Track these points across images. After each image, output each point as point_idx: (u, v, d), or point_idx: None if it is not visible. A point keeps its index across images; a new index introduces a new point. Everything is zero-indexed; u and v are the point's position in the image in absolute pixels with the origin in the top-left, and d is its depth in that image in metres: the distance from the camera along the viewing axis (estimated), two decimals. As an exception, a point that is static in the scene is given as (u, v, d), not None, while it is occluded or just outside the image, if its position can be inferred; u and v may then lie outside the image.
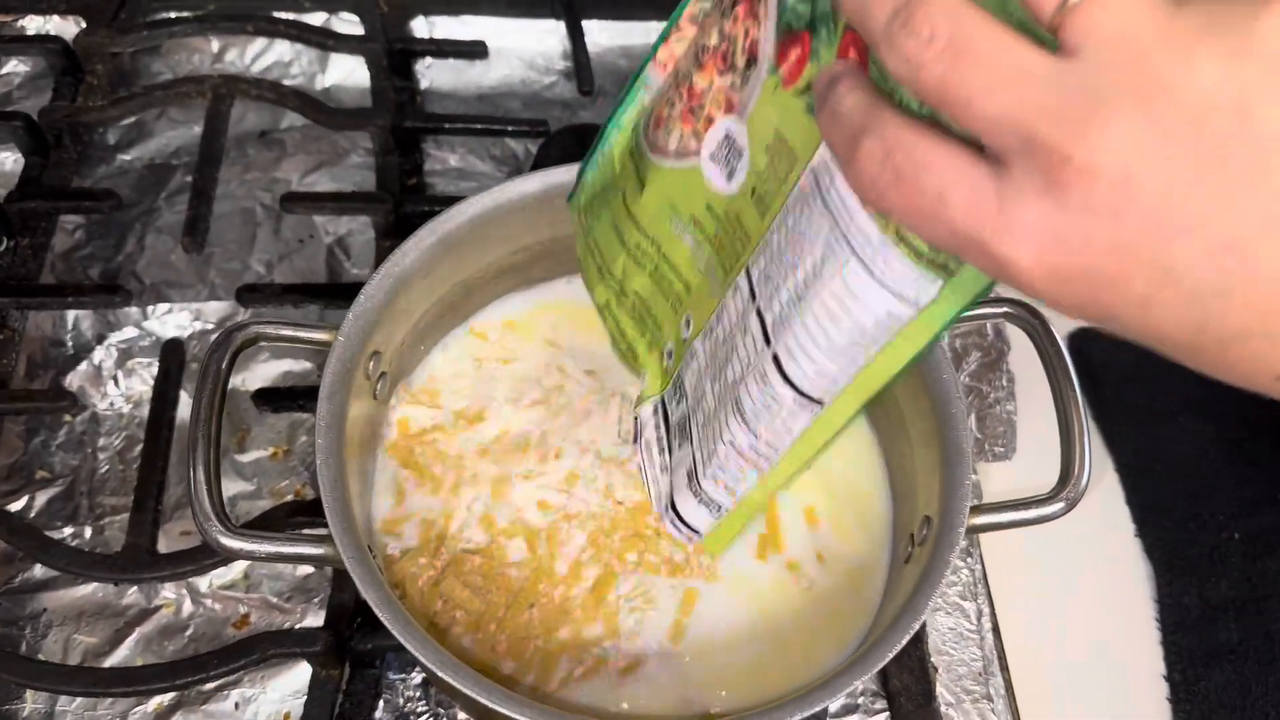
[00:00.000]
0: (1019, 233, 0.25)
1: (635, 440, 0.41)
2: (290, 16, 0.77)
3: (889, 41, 0.26)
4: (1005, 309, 0.52)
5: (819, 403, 0.35)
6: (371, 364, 0.51)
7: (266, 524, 0.56)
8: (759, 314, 0.35)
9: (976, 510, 0.47)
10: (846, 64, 0.29)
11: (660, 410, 0.40)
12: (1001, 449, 0.65)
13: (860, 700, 0.57)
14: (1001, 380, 0.68)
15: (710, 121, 0.37)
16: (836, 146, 0.29)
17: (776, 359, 0.34)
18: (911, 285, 0.30)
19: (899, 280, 0.30)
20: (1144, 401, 0.68)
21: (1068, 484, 0.48)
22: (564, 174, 0.55)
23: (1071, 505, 0.48)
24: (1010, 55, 0.25)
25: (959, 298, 0.30)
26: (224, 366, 0.45)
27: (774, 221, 0.34)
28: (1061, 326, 0.71)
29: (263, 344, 0.66)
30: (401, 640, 0.41)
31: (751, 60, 0.35)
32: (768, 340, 0.34)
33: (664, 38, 0.40)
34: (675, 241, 0.39)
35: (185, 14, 0.76)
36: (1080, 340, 0.69)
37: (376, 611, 0.41)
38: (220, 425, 0.45)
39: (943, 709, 0.56)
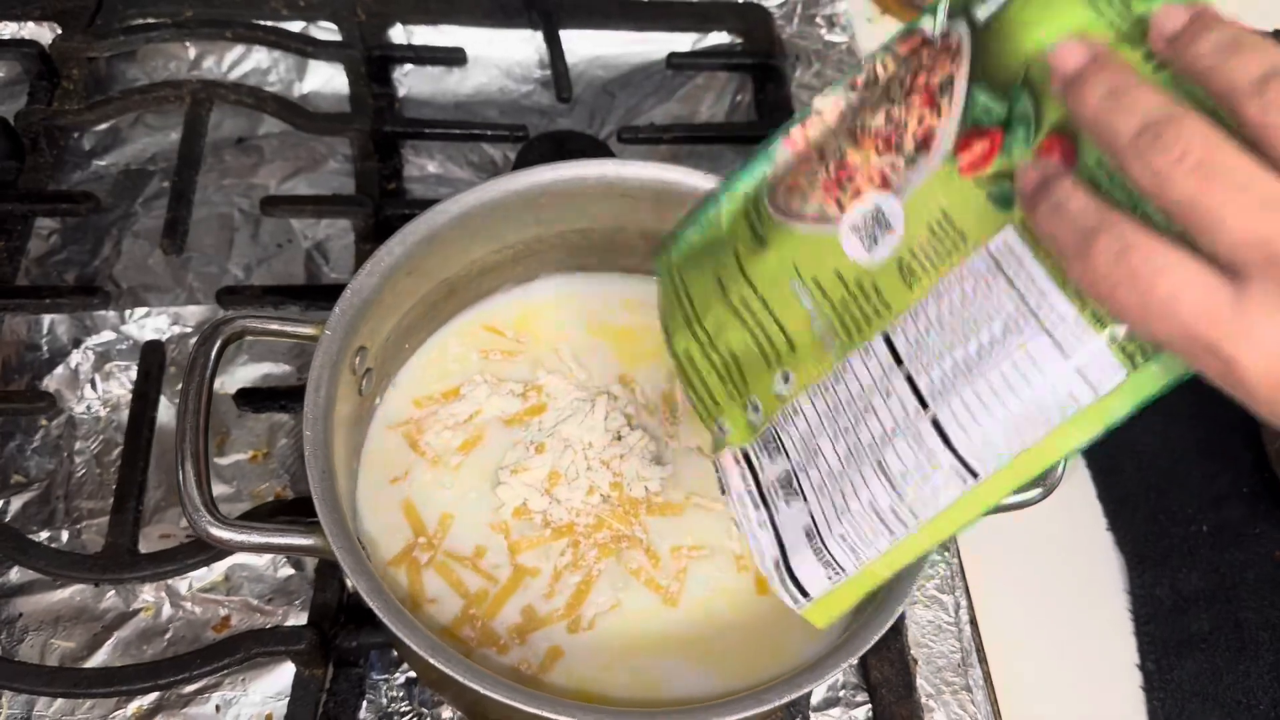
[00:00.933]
0: (1252, 341, 0.28)
1: (722, 491, 0.42)
2: (268, 24, 0.77)
3: (1136, 153, 0.29)
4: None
5: (974, 474, 0.36)
6: (358, 359, 0.51)
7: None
8: (909, 379, 0.36)
9: (957, 498, 0.48)
10: (1057, 165, 0.32)
11: (745, 462, 0.41)
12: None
13: (842, 693, 0.57)
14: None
15: (858, 194, 0.39)
16: (1063, 240, 0.31)
17: (937, 422, 0.36)
18: (1098, 369, 0.32)
19: (1088, 361, 0.32)
20: (1113, 400, 0.69)
21: (1045, 471, 0.48)
22: (549, 173, 0.56)
23: (1048, 492, 0.49)
24: (1258, 183, 0.28)
25: (1135, 394, 0.32)
26: (212, 359, 0.45)
27: (929, 293, 0.36)
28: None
29: (243, 345, 0.66)
30: (393, 629, 0.41)
31: (923, 146, 0.37)
32: (923, 404, 0.36)
33: (801, 119, 0.42)
34: (790, 301, 0.41)
35: (164, 20, 0.76)
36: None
37: (368, 600, 0.42)
38: (208, 418, 0.45)
39: (923, 700, 0.57)
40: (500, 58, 0.83)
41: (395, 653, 0.56)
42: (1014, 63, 0.34)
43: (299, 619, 0.57)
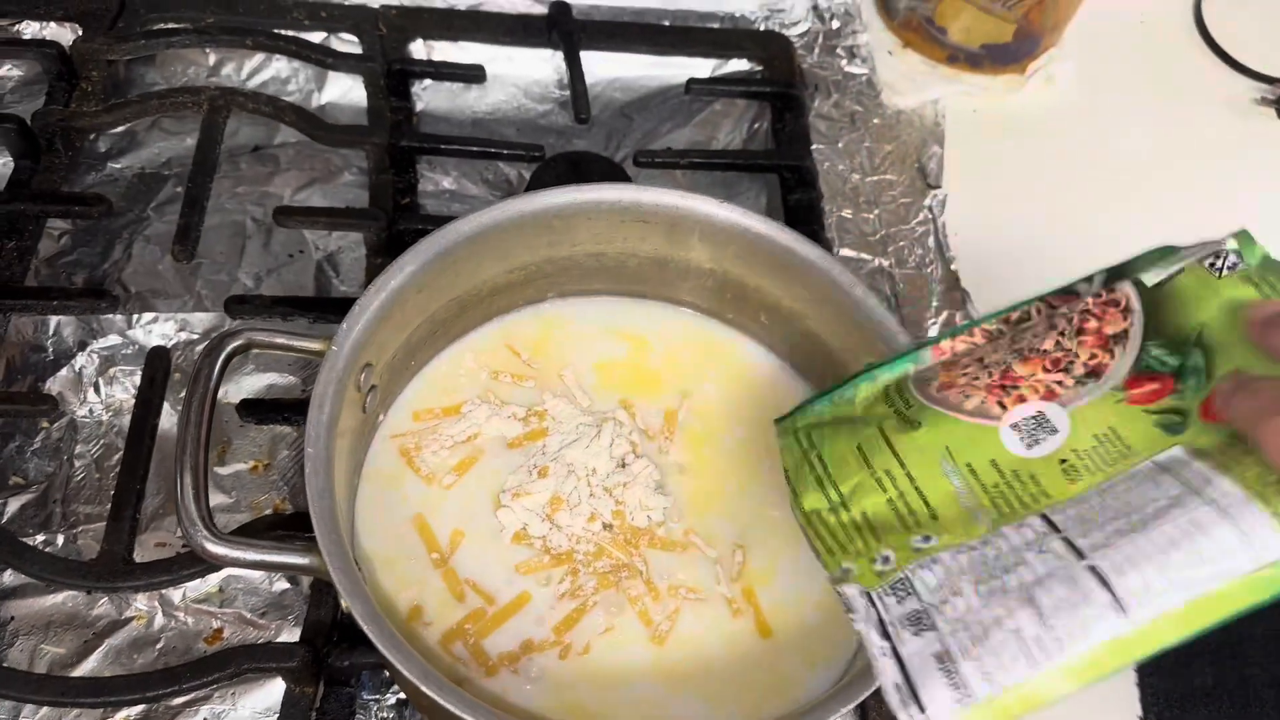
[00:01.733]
0: None
1: (848, 611, 0.45)
2: (289, 34, 0.77)
3: None
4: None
5: (1127, 613, 0.38)
6: (363, 376, 0.51)
7: (245, 536, 0.55)
8: (1066, 541, 0.40)
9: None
10: (1244, 377, 0.39)
11: (868, 599, 0.45)
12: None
13: (839, 734, 0.57)
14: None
15: (1022, 400, 0.45)
16: (1248, 419, 0.38)
17: (1095, 569, 0.39)
18: (1260, 536, 0.36)
19: (1250, 528, 0.37)
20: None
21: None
22: (564, 196, 0.56)
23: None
24: None
25: None
26: (216, 371, 0.45)
27: (1092, 489, 0.42)
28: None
29: (249, 355, 0.65)
30: (387, 654, 0.41)
31: (1092, 375, 0.44)
32: (1079, 555, 0.40)
33: (952, 335, 0.49)
34: (937, 478, 0.46)
35: (185, 25, 0.76)
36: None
37: (363, 624, 0.41)
38: (210, 431, 0.44)
39: (921, 745, 0.56)
40: (519, 76, 0.83)
41: (387, 673, 0.55)
42: (1187, 326, 0.43)
43: (292, 635, 0.56)
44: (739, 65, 0.85)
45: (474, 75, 0.78)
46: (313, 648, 0.52)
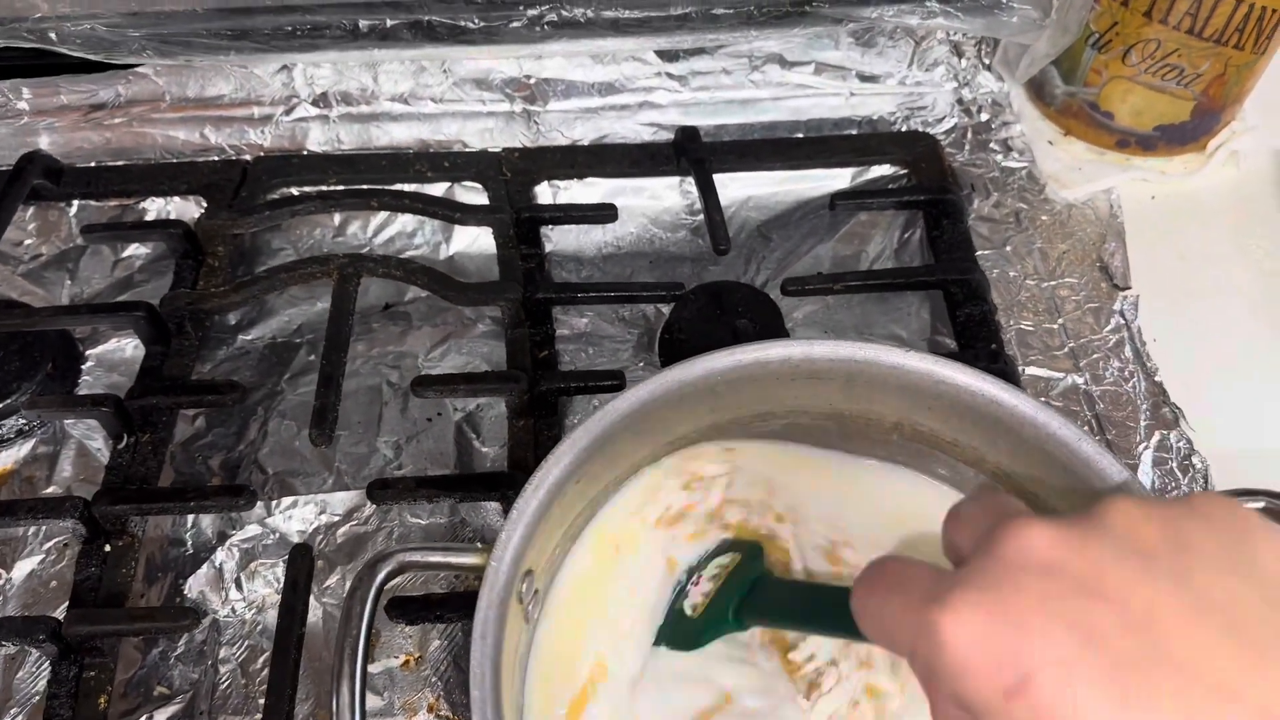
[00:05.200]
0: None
1: None
2: (412, 188, 0.74)
3: None
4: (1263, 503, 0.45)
5: None
6: (525, 585, 0.45)
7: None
8: None
9: None
10: None
11: None
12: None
13: None
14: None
15: None
16: None
17: None
18: None
19: None
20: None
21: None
22: (727, 358, 0.50)
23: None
24: None
25: None
26: (369, 607, 0.40)
27: None
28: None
29: (393, 538, 0.61)
30: None
31: None
32: None
33: None
34: None
35: (309, 190, 0.74)
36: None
37: None
38: (365, 684, 0.39)
39: None
40: (648, 205, 0.79)
41: None
42: None
43: None
44: (882, 171, 0.79)
45: (605, 215, 0.74)
46: None
